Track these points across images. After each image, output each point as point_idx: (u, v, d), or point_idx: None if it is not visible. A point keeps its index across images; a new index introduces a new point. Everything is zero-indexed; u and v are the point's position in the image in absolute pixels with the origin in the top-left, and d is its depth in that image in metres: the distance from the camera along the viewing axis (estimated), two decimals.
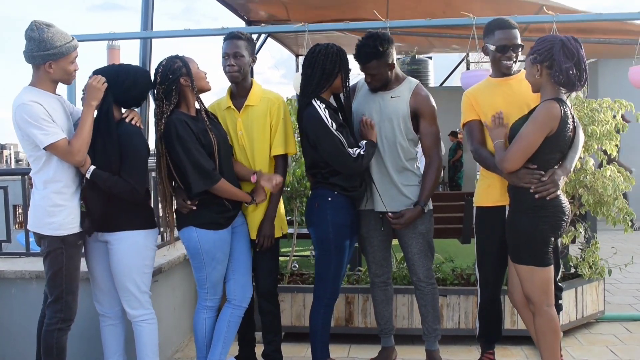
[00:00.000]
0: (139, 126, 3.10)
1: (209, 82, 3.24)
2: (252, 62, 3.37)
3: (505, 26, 3.27)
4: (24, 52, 2.90)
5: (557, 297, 3.29)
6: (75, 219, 2.98)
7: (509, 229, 3.14)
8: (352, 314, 4.13)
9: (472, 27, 4.25)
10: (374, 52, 3.24)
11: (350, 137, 3.25)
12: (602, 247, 4.50)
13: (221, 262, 3.22)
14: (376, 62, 3.27)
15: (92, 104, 2.98)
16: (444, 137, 10.14)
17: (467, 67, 10.60)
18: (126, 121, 3.07)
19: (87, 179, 2.97)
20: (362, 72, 3.38)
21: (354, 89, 3.56)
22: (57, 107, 2.96)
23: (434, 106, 3.42)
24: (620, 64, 8.54)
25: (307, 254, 5.51)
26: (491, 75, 3.43)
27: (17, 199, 4.18)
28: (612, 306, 4.89)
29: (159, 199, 3.43)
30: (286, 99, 4.14)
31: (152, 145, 3.31)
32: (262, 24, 8.32)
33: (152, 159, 3.26)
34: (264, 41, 8.79)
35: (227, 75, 3.30)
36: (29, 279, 3.63)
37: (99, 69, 3.10)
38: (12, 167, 27.03)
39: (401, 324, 4.06)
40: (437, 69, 13.62)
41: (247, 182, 3.32)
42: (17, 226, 8.15)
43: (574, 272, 4.36)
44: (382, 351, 3.69)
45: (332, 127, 3.16)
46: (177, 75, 3.07)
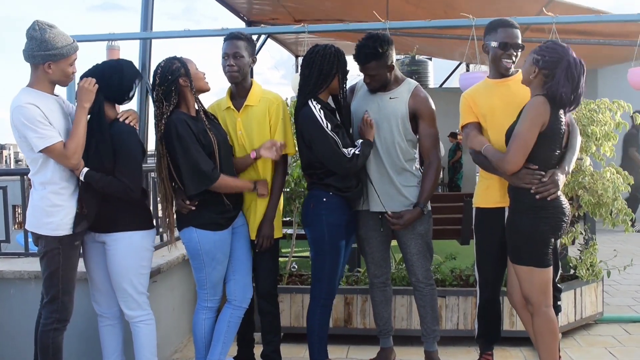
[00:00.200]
0: (134, 126, 3.09)
1: (207, 82, 3.24)
2: (252, 62, 3.37)
3: (508, 25, 3.28)
4: (24, 50, 2.90)
5: (555, 299, 3.29)
6: (72, 219, 2.97)
7: (509, 230, 3.14)
8: (351, 314, 4.13)
9: (471, 27, 4.26)
10: (373, 53, 3.24)
11: (346, 138, 3.25)
12: (602, 248, 4.50)
13: (221, 263, 3.22)
14: (375, 63, 3.27)
15: (85, 106, 2.97)
16: (443, 138, 10.17)
17: (467, 68, 10.62)
18: (120, 120, 3.06)
19: (82, 180, 2.97)
20: (361, 72, 3.38)
21: (353, 90, 3.56)
22: (55, 108, 2.96)
23: (433, 108, 3.42)
24: (619, 67, 8.54)
25: (306, 254, 5.49)
26: (489, 76, 3.42)
27: (16, 199, 4.18)
28: (611, 307, 4.88)
29: (158, 199, 3.43)
30: (286, 99, 4.15)
31: (152, 146, 3.31)
32: (262, 25, 8.33)
33: (153, 159, 3.26)
34: (264, 42, 8.81)
35: (227, 75, 3.30)
36: (28, 279, 3.62)
37: (85, 72, 3.08)
38: (12, 167, 26.96)
39: (400, 324, 4.06)
40: (437, 70, 13.63)
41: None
42: (16, 226, 8.16)
43: (572, 273, 4.35)
44: (380, 352, 3.69)
45: (327, 127, 3.16)
46: (176, 76, 3.07)
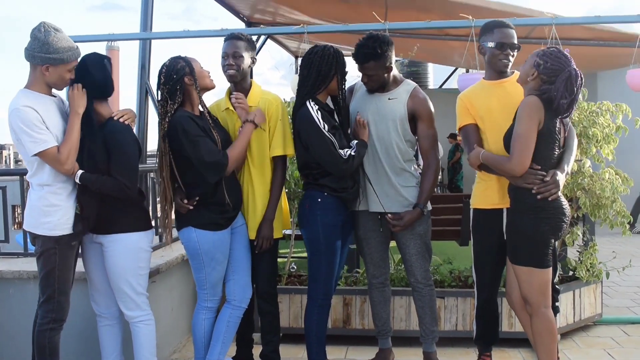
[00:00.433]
0: (129, 124, 3.07)
1: (212, 79, 3.25)
2: (252, 63, 3.38)
3: (504, 25, 3.30)
4: (26, 48, 2.89)
5: (553, 300, 3.29)
6: (70, 219, 2.97)
7: (509, 230, 3.14)
8: (350, 315, 4.13)
9: (470, 28, 4.27)
10: (372, 53, 3.24)
11: (343, 140, 3.25)
12: (601, 249, 4.50)
13: (220, 263, 3.22)
14: (374, 63, 3.27)
15: (79, 111, 2.96)
16: (442, 139, 10.17)
17: (467, 69, 10.61)
18: (114, 119, 3.05)
19: (78, 183, 2.97)
20: (359, 72, 3.38)
21: (352, 90, 3.56)
22: (53, 110, 2.95)
23: (432, 109, 3.42)
24: (618, 72, 8.54)
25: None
26: (484, 77, 3.42)
27: (15, 199, 4.18)
28: (610, 309, 4.89)
29: (157, 199, 3.42)
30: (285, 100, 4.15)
31: (152, 146, 3.30)
32: (262, 26, 8.33)
33: (152, 160, 3.25)
34: (264, 42, 8.82)
35: (226, 74, 3.30)
36: (27, 279, 3.62)
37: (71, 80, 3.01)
38: (11, 167, 26.97)
39: (399, 325, 4.06)
40: (436, 72, 13.65)
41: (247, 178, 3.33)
42: (15, 226, 8.17)
43: (572, 274, 4.35)
44: (379, 353, 3.69)
45: (324, 128, 3.16)
46: (181, 74, 3.07)
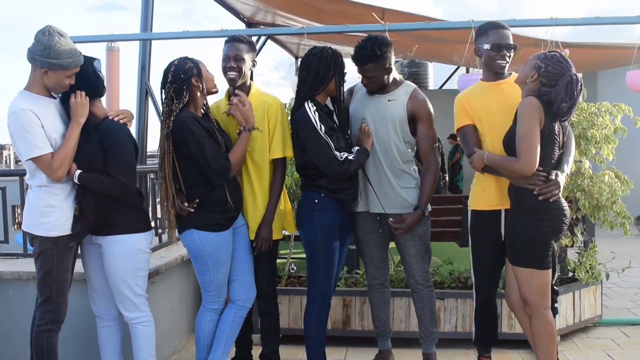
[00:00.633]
0: (125, 123, 3.07)
1: (216, 84, 3.26)
2: (253, 66, 3.38)
3: (499, 27, 3.32)
4: (29, 49, 2.86)
5: (552, 301, 3.28)
6: (68, 220, 2.96)
7: (509, 231, 3.14)
8: (350, 316, 4.13)
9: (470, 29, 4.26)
10: (372, 55, 3.25)
11: (340, 142, 3.25)
12: (601, 251, 4.50)
13: (224, 264, 3.22)
14: (373, 65, 3.28)
15: (80, 121, 2.95)
16: (443, 140, 10.16)
17: (467, 70, 10.61)
18: (109, 118, 3.04)
19: (78, 184, 2.97)
20: (359, 74, 3.38)
21: (351, 92, 3.57)
22: (51, 112, 2.94)
23: (431, 110, 3.42)
24: (619, 70, 8.54)
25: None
26: (482, 79, 3.43)
27: (15, 199, 4.18)
28: (610, 310, 4.89)
29: (157, 199, 3.41)
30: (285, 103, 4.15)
31: (152, 146, 3.30)
32: (261, 26, 8.33)
33: (152, 160, 3.24)
34: (264, 43, 8.81)
35: (226, 77, 3.31)
36: (27, 279, 3.62)
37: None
38: (11, 167, 26.98)
39: (398, 327, 4.05)
40: (437, 72, 13.64)
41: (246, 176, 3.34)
42: (15, 227, 8.17)
43: (571, 276, 4.35)
44: (379, 354, 3.68)
45: (321, 129, 3.16)
46: (189, 75, 3.08)
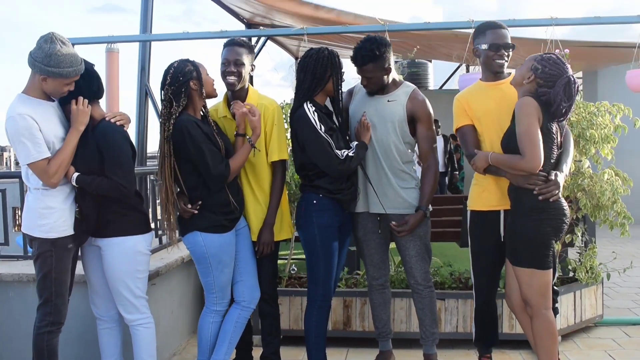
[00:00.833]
0: (122, 125, 3.06)
1: (216, 89, 3.25)
2: (251, 69, 3.39)
3: (496, 26, 3.32)
4: (30, 53, 2.85)
5: (553, 301, 3.28)
6: (66, 221, 2.96)
7: (509, 232, 3.13)
8: (350, 317, 4.12)
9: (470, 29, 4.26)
10: (371, 55, 3.25)
11: (340, 141, 3.25)
12: (602, 251, 4.49)
13: (227, 265, 3.21)
14: (372, 66, 3.28)
15: (80, 129, 2.94)
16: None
17: (467, 69, 10.61)
18: (105, 119, 3.03)
19: (77, 187, 2.96)
20: (358, 74, 3.39)
21: (351, 92, 3.57)
22: (50, 116, 2.93)
23: (431, 111, 3.42)
24: (619, 68, 8.54)
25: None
26: (481, 79, 3.43)
27: (15, 201, 4.18)
28: (611, 310, 4.88)
29: (158, 201, 3.41)
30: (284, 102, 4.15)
31: (151, 147, 3.29)
32: (261, 27, 8.33)
33: (152, 161, 3.23)
34: (264, 44, 8.80)
35: (225, 81, 3.30)
36: (27, 281, 3.62)
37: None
38: (12, 169, 26.96)
39: (399, 327, 4.05)
40: (437, 72, 13.65)
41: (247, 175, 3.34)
42: (15, 228, 8.16)
43: (572, 276, 4.35)
44: (379, 355, 3.68)
45: (321, 129, 3.16)
46: (188, 78, 3.07)
